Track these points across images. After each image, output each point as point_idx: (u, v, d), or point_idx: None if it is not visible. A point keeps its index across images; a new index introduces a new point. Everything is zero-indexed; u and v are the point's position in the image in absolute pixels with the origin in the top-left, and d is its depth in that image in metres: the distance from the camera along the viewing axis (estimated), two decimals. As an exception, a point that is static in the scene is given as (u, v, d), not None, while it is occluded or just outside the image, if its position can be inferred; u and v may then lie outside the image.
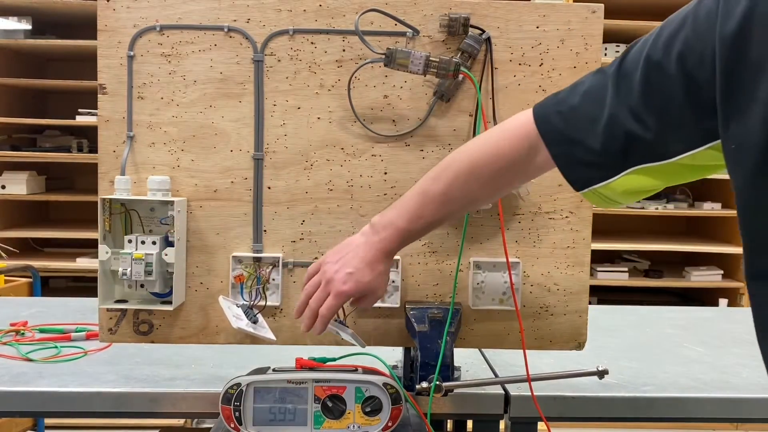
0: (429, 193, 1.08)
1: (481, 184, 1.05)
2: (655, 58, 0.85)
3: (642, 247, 3.61)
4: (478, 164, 1.04)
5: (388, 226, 1.11)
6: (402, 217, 1.10)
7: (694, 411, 1.36)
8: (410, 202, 1.10)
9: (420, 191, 1.09)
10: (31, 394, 1.29)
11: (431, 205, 1.08)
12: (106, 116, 1.31)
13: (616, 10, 2.79)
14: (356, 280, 1.11)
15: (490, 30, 1.31)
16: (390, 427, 1.17)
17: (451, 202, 1.08)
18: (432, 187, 1.07)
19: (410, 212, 1.09)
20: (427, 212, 1.08)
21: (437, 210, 1.08)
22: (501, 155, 1.02)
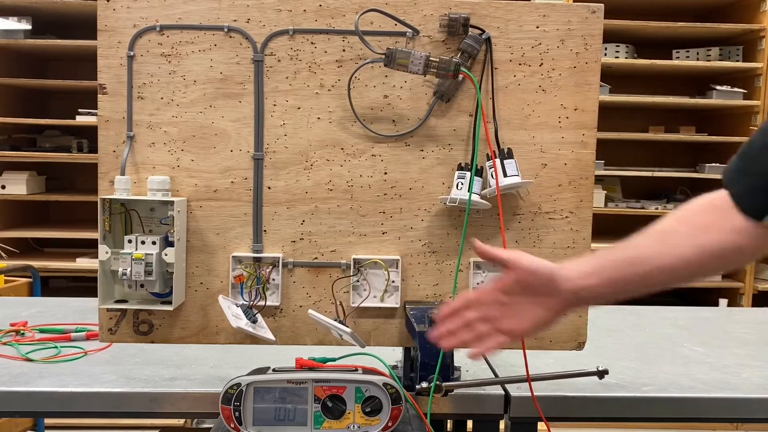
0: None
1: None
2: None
3: (642, 247, 3.60)
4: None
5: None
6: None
7: (694, 411, 1.36)
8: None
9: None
10: (31, 394, 1.29)
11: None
12: (106, 116, 1.31)
13: (616, 10, 2.78)
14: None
15: (490, 30, 1.31)
16: (390, 427, 1.17)
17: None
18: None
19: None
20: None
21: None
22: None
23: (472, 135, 1.32)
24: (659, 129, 3.80)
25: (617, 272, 0.98)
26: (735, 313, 2.35)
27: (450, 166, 1.33)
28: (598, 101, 1.34)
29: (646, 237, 0.99)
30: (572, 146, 1.33)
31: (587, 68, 1.32)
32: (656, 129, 3.80)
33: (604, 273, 0.99)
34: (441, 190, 1.34)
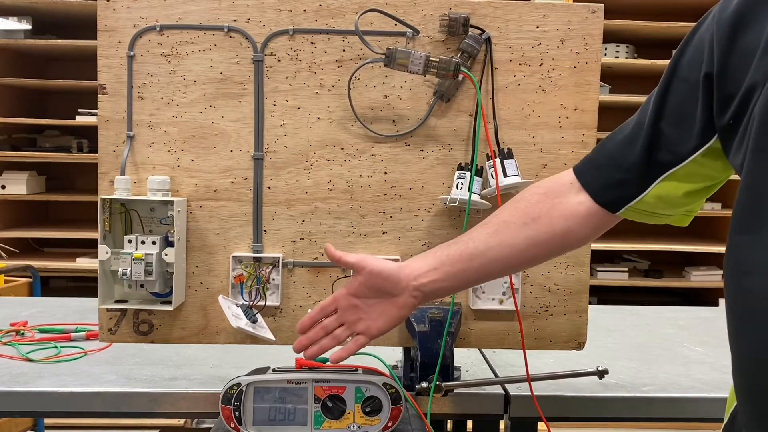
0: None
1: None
2: (666, 76, 0.92)
3: (642, 247, 3.61)
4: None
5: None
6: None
7: (694, 411, 1.36)
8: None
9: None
10: (31, 394, 1.29)
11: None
12: (106, 116, 1.31)
13: (616, 10, 2.79)
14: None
15: (490, 30, 1.31)
16: (390, 427, 1.17)
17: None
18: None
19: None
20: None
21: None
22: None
23: (472, 135, 1.32)
24: (659, 129, 3.79)
25: (455, 266, 1.05)
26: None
27: (450, 166, 1.33)
28: (598, 101, 1.34)
29: (483, 230, 1.06)
30: (572, 146, 1.33)
31: (587, 68, 1.32)
32: (656, 129, 3.79)
33: (444, 268, 1.05)
34: (441, 190, 1.34)
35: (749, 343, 0.79)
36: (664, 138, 0.92)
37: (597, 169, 1.00)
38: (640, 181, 0.96)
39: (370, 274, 1.08)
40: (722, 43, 0.83)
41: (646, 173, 0.95)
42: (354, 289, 1.10)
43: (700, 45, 0.88)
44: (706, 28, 0.87)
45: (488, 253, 1.04)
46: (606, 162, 0.99)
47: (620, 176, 0.97)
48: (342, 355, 1.10)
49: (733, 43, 0.82)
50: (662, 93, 0.92)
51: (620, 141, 0.97)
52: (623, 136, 0.97)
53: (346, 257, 1.10)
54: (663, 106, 0.92)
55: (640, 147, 0.94)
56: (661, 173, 0.94)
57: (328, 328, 1.11)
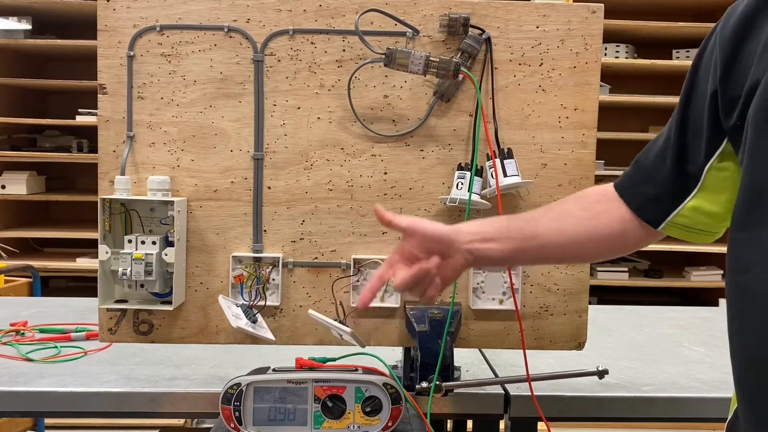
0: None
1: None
2: (686, 87, 0.94)
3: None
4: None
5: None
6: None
7: (694, 411, 1.36)
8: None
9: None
10: (31, 394, 1.29)
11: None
12: (106, 116, 1.31)
13: (616, 10, 2.78)
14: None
15: (490, 30, 1.31)
16: (390, 427, 1.17)
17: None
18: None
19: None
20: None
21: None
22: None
23: (472, 135, 1.32)
24: (659, 129, 3.76)
25: (512, 241, 1.04)
26: (735, 313, 2.34)
27: (450, 166, 1.33)
28: (598, 101, 1.34)
29: (546, 213, 1.07)
30: (572, 146, 1.33)
31: (587, 68, 1.32)
32: (656, 129, 3.80)
33: (503, 240, 1.04)
34: (441, 190, 1.34)
35: (744, 339, 0.79)
36: (689, 150, 0.93)
37: (635, 185, 1.02)
38: (674, 195, 0.97)
39: (423, 237, 1.03)
40: (726, 50, 0.85)
41: (679, 187, 0.96)
42: (407, 253, 1.05)
43: (710, 56, 0.89)
44: (713, 39, 0.89)
45: (547, 237, 1.04)
46: (641, 178, 1.01)
47: (656, 191, 0.98)
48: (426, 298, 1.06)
49: (735, 49, 0.84)
50: (683, 104, 0.94)
51: (653, 156, 0.99)
52: (656, 150, 0.99)
53: (397, 221, 1.06)
54: (686, 119, 0.93)
55: (669, 161, 0.95)
56: (694, 186, 0.95)
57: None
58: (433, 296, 1.04)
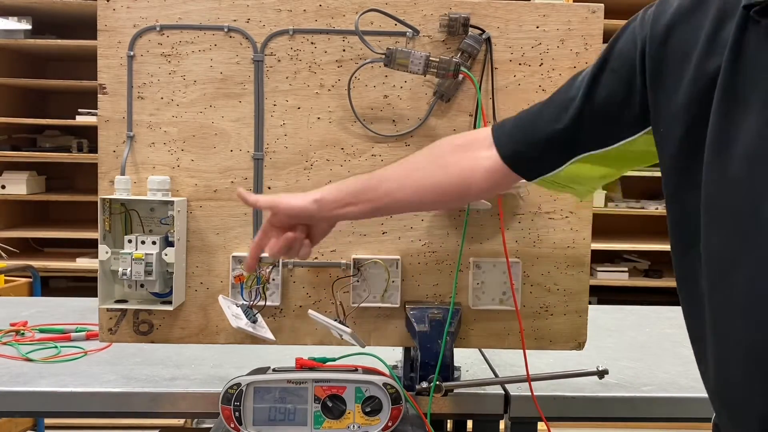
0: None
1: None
2: (599, 63, 0.94)
3: (642, 247, 3.61)
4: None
5: None
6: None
7: (694, 411, 1.36)
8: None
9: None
10: (31, 394, 1.29)
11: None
12: (106, 116, 1.31)
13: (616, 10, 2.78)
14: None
15: (490, 30, 1.31)
16: (390, 427, 1.17)
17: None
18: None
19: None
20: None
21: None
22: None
23: (472, 135, 1.32)
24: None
25: (370, 204, 1.11)
26: (735, 313, 2.34)
27: (450, 166, 1.33)
28: (598, 101, 1.34)
29: (398, 169, 1.12)
30: (572, 146, 1.33)
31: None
32: (656, 129, 3.80)
33: (360, 204, 1.11)
34: (441, 190, 1.33)
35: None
36: (587, 123, 0.95)
37: (517, 139, 1.03)
38: (558, 157, 1.00)
39: (284, 214, 1.13)
40: (655, 49, 0.86)
41: (565, 152, 0.99)
42: (277, 223, 1.14)
43: (632, 39, 0.90)
44: (640, 27, 0.90)
45: (397, 194, 1.10)
46: (527, 134, 1.02)
47: (538, 152, 1.01)
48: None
49: (665, 52, 0.86)
50: (592, 79, 0.94)
51: (545, 117, 1.00)
52: (548, 112, 0.99)
53: (257, 201, 1.16)
54: (591, 93, 0.94)
55: (562, 127, 0.97)
56: (579, 153, 0.98)
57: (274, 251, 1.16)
58: (306, 255, 1.15)
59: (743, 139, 0.76)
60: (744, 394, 0.77)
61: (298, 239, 1.13)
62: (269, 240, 1.14)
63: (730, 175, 0.77)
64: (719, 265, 0.80)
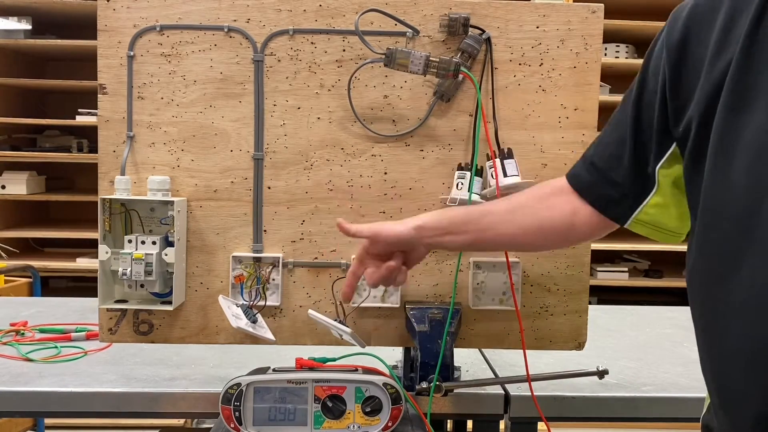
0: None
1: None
2: (638, 89, 0.95)
3: (642, 247, 3.60)
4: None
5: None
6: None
7: (694, 411, 1.35)
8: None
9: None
10: (31, 394, 1.29)
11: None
12: (106, 116, 1.31)
13: (616, 10, 2.78)
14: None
15: (490, 30, 1.31)
16: (390, 427, 1.17)
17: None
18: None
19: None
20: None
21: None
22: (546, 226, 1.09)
23: (472, 135, 1.32)
24: (659, 129, 3.80)
25: (470, 235, 1.10)
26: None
27: (450, 166, 1.33)
28: (598, 101, 1.34)
29: (502, 204, 1.12)
30: (572, 146, 1.33)
31: (587, 68, 1.32)
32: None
33: (460, 234, 1.10)
34: (441, 190, 1.34)
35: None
36: (645, 151, 0.95)
37: (594, 186, 1.03)
38: (636, 194, 0.99)
39: (386, 243, 1.13)
40: (672, 57, 0.87)
41: (639, 187, 0.98)
42: (375, 251, 1.14)
43: (659, 59, 0.91)
44: (661, 41, 0.91)
45: (500, 228, 1.09)
46: (600, 179, 1.02)
47: (617, 193, 1.00)
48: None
49: (682, 56, 0.86)
50: (636, 104, 0.94)
51: (608, 157, 1.00)
52: (611, 151, 1.00)
53: (360, 232, 1.14)
54: (639, 119, 0.94)
55: (627, 162, 0.97)
56: (652, 186, 0.97)
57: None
58: (403, 281, 1.16)
59: (749, 133, 0.76)
60: (741, 393, 0.78)
61: (398, 268, 1.13)
62: (365, 268, 1.14)
63: (733, 172, 0.77)
64: (718, 264, 0.80)
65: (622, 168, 0.98)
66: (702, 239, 0.83)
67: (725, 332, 0.79)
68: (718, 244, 0.80)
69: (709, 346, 0.83)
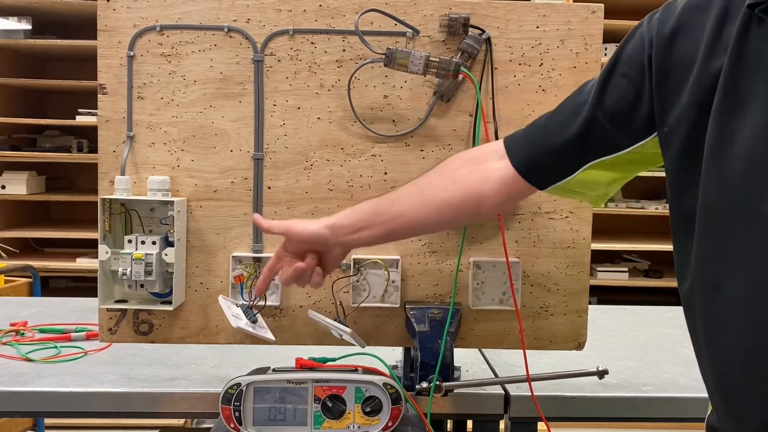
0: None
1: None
2: (608, 68, 0.95)
3: (642, 247, 3.61)
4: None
5: None
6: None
7: (694, 411, 1.35)
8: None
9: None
10: (31, 394, 1.29)
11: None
12: (106, 116, 1.31)
13: (616, 10, 2.78)
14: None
15: (490, 30, 1.31)
16: (390, 427, 1.17)
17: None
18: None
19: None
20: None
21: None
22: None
23: (472, 135, 1.32)
24: (659, 129, 3.80)
25: (382, 227, 1.10)
26: (735, 313, 2.34)
27: (450, 166, 1.33)
28: (598, 101, 1.34)
29: (409, 189, 1.11)
30: (572, 146, 1.33)
31: (587, 68, 1.32)
32: (656, 129, 3.80)
33: (372, 227, 1.10)
34: (441, 190, 1.33)
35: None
36: (599, 127, 0.95)
37: (529, 147, 1.03)
38: (570, 164, 1.00)
39: (297, 240, 1.13)
40: (661, 53, 0.88)
41: (577, 158, 0.99)
42: (291, 249, 1.15)
43: (640, 43, 0.91)
44: (647, 30, 0.92)
45: (410, 213, 1.09)
46: (539, 142, 1.02)
47: (551, 159, 1.01)
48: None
49: (670, 55, 0.87)
50: (602, 84, 0.95)
51: (556, 124, 1.00)
52: (559, 119, 1.00)
53: (271, 227, 1.16)
54: (602, 98, 0.94)
55: (574, 133, 0.97)
56: (591, 160, 0.98)
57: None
58: (318, 283, 1.15)
59: (743, 137, 0.76)
60: (744, 396, 0.77)
61: (308, 268, 1.13)
62: (281, 265, 1.15)
63: (729, 174, 0.77)
64: (717, 267, 0.80)
65: (566, 136, 0.98)
66: (701, 243, 0.83)
67: (726, 335, 0.79)
68: (718, 244, 0.80)
69: (710, 350, 0.83)
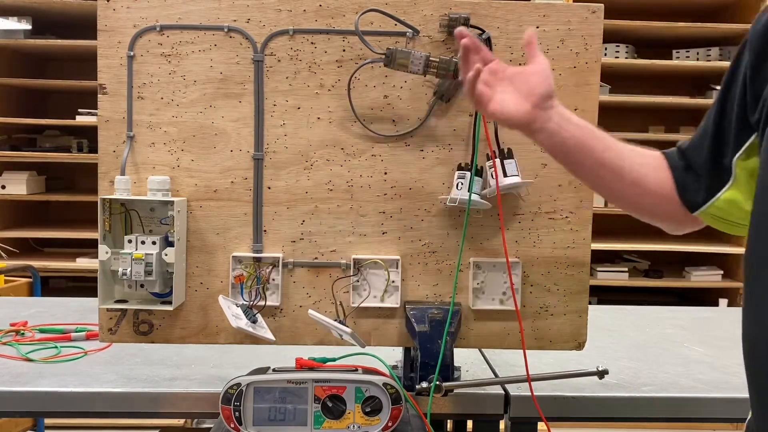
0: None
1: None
2: (726, 80, 0.94)
3: (642, 247, 3.61)
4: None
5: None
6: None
7: (694, 411, 1.36)
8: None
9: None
10: (31, 394, 1.29)
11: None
12: (106, 116, 1.31)
13: (616, 10, 2.78)
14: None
15: (490, 30, 1.31)
16: (390, 427, 1.17)
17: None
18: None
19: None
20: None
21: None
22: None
23: (472, 135, 1.32)
24: (659, 129, 3.80)
25: (589, 142, 1.05)
26: (735, 313, 2.35)
27: (450, 166, 1.33)
28: (598, 101, 1.34)
29: (625, 144, 1.06)
30: (572, 146, 1.33)
31: (587, 68, 1.32)
32: (656, 129, 3.80)
33: (585, 130, 1.06)
34: (441, 190, 1.34)
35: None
36: (725, 142, 0.94)
37: (681, 168, 1.02)
38: (711, 185, 0.97)
39: (539, 72, 1.08)
40: (755, 49, 0.88)
41: (715, 178, 0.97)
42: (514, 71, 1.09)
43: (744, 53, 0.91)
44: (747, 37, 0.91)
45: (606, 155, 1.04)
46: (685, 164, 1.01)
47: (696, 179, 0.99)
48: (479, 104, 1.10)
49: (764, 49, 0.87)
50: (722, 96, 0.95)
51: (694, 143, 1.00)
52: (696, 138, 1.00)
53: (533, 49, 1.10)
54: (723, 110, 0.94)
55: (706, 151, 0.97)
56: (728, 178, 0.95)
57: (479, 73, 1.09)
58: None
59: None
60: None
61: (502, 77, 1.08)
62: (495, 68, 1.09)
63: None
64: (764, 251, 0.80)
65: (702, 157, 0.97)
66: (757, 220, 0.82)
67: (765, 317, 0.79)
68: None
69: (749, 334, 0.82)
